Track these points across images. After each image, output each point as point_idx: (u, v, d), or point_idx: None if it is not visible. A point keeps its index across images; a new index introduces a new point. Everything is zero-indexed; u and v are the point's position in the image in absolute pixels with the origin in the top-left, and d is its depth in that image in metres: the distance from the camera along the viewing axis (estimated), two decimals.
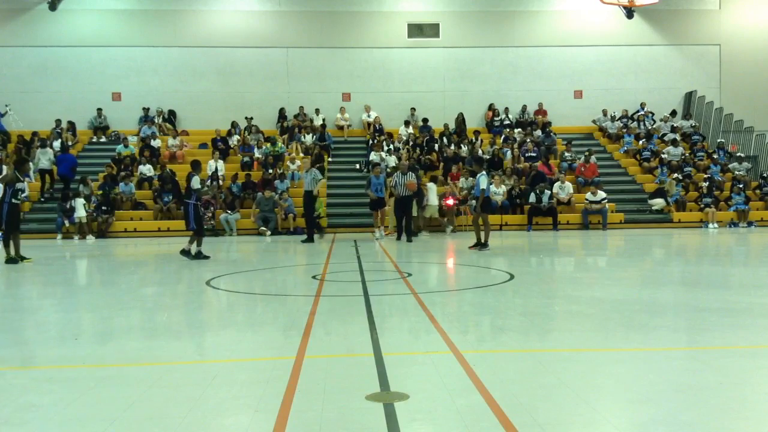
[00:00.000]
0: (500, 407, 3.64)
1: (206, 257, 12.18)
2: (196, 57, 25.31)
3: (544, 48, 26.07)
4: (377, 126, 24.51)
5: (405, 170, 16.48)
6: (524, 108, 25.81)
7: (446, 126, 24.48)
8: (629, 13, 25.74)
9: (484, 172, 13.47)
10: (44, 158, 21.23)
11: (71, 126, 24.13)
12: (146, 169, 21.68)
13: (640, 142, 24.47)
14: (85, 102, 24.52)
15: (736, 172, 22.74)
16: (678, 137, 24.34)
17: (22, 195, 12.62)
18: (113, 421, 3.54)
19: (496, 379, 4.22)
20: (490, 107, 25.80)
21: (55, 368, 4.81)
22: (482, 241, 13.28)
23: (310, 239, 16.34)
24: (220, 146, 22.81)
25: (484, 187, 13.24)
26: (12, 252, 11.98)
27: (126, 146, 22.75)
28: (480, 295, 7.97)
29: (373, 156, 22.23)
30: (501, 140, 24.19)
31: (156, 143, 23.33)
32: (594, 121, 26.10)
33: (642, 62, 26.43)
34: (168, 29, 25.21)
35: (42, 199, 21.01)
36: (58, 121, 23.53)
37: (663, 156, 23.32)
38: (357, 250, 13.86)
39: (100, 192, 20.02)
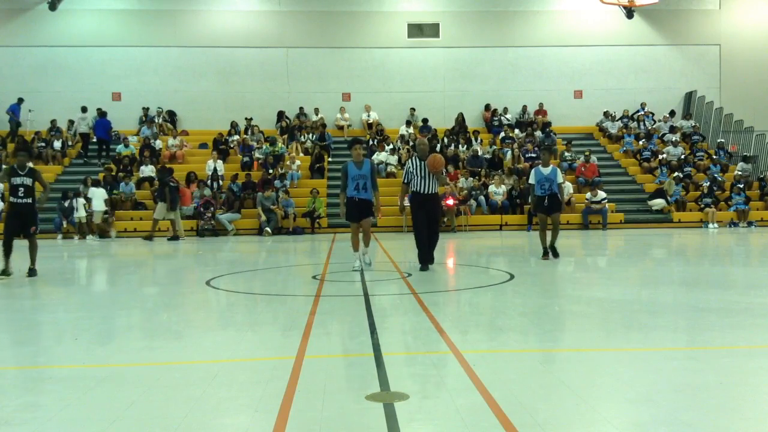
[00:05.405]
0: (500, 407, 3.64)
1: None
2: (196, 57, 25.31)
3: (544, 48, 26.06)
4: (378, 130, 24.45)
5: (425, 155, 10.12)
6: (524, 108, 25.81)
7: (450, 126, 24.48)
8: (629, 13, 25.73)
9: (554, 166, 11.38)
10: (83, 123, 23.29)
11: (72, 125, 24.12)
12: (148, 170, 21.68)
13: (640, 142, 24.47)
14: (85, 102, 24.42)
15: (737, 172, 22.72)
16: (678, 137, 24.33)
17: (22, 192, 9.68)
18: (113, 421, 3.54)
19: (496, 379, 4.21)
20: (489, 108, 25.77)
21: (55, 368, 4.81)
22: (553, 246, 11.29)
23: None
24: (221, 147, 22.80)
25: (561, 181, 11.35)
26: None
27: (126, 146, 22.75)
28: (480, 295, 7.96)
29: (376, 157, 22.11)
30: (500, 140, 24.17)
31: (156, 143, 23.33)
32: (597, 124, 26.09)
33: (642, 62, 26.43)
34: (168, 29, 25.20)
35: (82, 162, 22.90)
36: (54, 122, 23.52)
37: (663, 156, 23.32)
38: None
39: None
